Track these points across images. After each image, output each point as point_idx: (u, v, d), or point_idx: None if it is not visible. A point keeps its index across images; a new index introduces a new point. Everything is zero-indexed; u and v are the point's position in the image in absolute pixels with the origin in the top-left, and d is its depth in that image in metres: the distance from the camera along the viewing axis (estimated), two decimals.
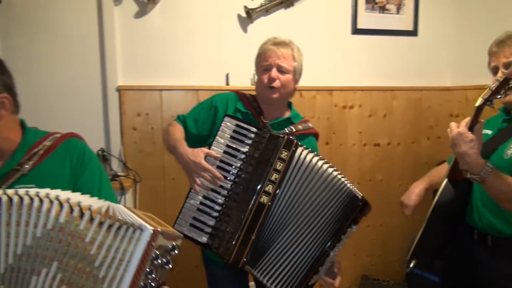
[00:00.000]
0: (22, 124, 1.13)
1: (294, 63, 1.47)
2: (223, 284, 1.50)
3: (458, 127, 1.19)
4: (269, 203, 1.22)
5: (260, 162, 1.26)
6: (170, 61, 2.28)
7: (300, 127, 1.51)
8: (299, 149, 1.25)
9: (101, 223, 0.81)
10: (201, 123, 1.48)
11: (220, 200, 1.26)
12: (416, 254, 1.48)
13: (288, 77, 1.46)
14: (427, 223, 1.40)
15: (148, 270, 0.79)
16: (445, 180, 1.38)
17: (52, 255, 0.81)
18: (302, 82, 2.38)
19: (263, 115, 1.48)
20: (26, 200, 0.82)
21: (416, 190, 1.52)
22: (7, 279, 0.80)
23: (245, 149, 1.28)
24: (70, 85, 2.17)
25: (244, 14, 2.28)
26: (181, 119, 1.51)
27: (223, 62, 2.33)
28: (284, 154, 1.24)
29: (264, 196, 1.23)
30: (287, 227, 1.25)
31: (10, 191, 0.83)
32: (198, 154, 1.27)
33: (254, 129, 1.30)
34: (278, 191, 1.24)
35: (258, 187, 1.24)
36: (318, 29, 2.44)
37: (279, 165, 1.24)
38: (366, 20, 2.48)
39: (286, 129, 1.47)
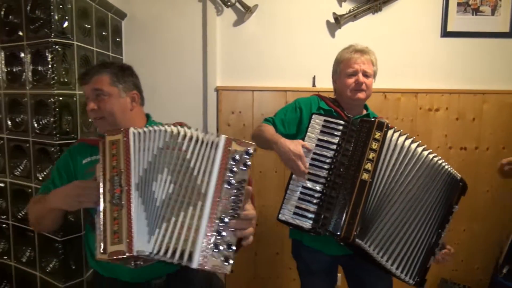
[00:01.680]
0: (147, 115, 1.48)
1: (374, 67, 1.63)
2: (317, 272, 1.63)
3: None
4: (370, 180, 1.36)
5: (356, 144, 1.41)
6: (262, 64, 2.51)
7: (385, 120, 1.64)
8: (391, 130, 1.40)
9: (191, 138, 1.10)
10: (287, 124, 1.66)
11: (318, 187, 1.41)
12: (509, 260, 1.52)
13: (371, 80, 1.63)
14: None
15: (230, 169, 1.06)
16: None
17: (163, 165, 1.10)
18: (387, 84, 2.47)
19: (345, 110, 1.64)
20: (147, 129, 1.14)
21: None
22: (140, 187, 1.10)
23: (335, 140, 1.45)
24: (176, 85, 2.52)
25: (332, 20, 2.42)
26: (270, 121, 1.68)
27: (310, 65, 2.49)
28: (378, 135, 1.39)
29: (364, 174, 1.36)
30: (392, 203, 1.38)
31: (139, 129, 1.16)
32: (297, 143, 1.44)
33: (342, 122, 1.47)
34: (377, 168, 1.37)
35: (358, 166, 1.38)
36: (406, 32, 2.48)
37: (374, 145, 1.38)
38: (457, 23, 2.46)
39: None
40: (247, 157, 1.09)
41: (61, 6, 1.79)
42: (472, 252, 2.60)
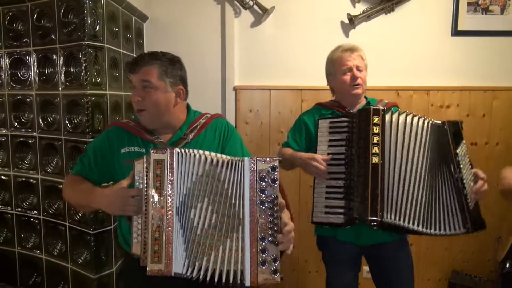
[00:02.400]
0: (188, 106, 1.51)
1: (364, 61, 1.74)
2: (344, 261, 1.71)
3: None
4: (381, 162, 1.45)
5: (360, 135, 1.50)
6: (279, 64, 2.60)
7: (380, 106, 1.73)
8: (388, 114, 1.50)
9: (228, 166, 1.15)
10: (299, 140, 1.77)
11: (341, 183, 1.51)
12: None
13: (364, 73, 1.73)
14: None
15: (260, 189, 1.12)
16: None
17: (203, 193, 1.15)
18: (399, 82, 2.56)
19: (346, 107, 1.74)
20: (187, 152, 1.17)
21: None
22: (180, 211, 1.16)
23: (344, 136, 1.55)
24: (196, 84, 2.55)
25: (346, 21, 2.51)
26: (284, 145, 1.82)
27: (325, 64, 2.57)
28: (376, 120, 1.48)
29: (374, 158, 1.45)
30: (411, 176, 1.47)
31: (179, 149, 1.19)
32: (311, 154, 1.57)
33: (345, 118, 1.57)
34: (384, 150, 1.46)
35: (366, 152, 1.46)
36: (417, 32, 2.56)
37: (376, 129, 1.48)
38: (467, 22, 2.54)
39: None
40: (274, 172, 1.13)
41: (93, 11, 1.89)
42: (484, 244, 2.68)
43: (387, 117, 1.49)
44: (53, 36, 1.99)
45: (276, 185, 1.13)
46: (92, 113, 1.93)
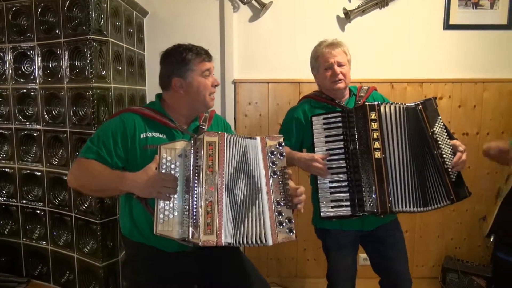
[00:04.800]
0: None
1: (347, 56, 1.80)
2: (345, 245, 1.78)
3: None
4: (383, 155, 1.54)
5: (359, 130, 1.58)
6: (277, 58, 2.66)
7: (362, 94, 1.83)
8: (382, 107, 1.58)
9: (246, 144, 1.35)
10: (291, 136, 1.82)
11: (343, 176, 1.58)
12: (495, 229, 1.68)
13: (346, 68, 1.78)
14: (507, 197, 1.60)
15: (271, 161, 1.34)
16: None
17: (241, 170, 1.32)
18: (394, 75, 2.64)
19: (335, 99, 1.80)
20: (235, 138, 1.35)
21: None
22: (228, 188, 1.29)
23: (340, 130, 1.61)
24: None
25: (342, 15, 2.58)
26: None
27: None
28: (374, 115, 1.57)
29: (376, 153, 1.54)
30: (405, 164, 1.56)
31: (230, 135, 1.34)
32: (311, 154, 1.62)
33: (338, 114, 1.63)
34: (384, 142, 1.56)
35: (368, 148, 1.55)
36: (410, 26, 2.64)
37: (374, 125, 1.56)
38: (459, 16, 2.62)
39: (356, 102, 1.79)
40: (281, 147, 1.35)
41: (97, 6, 1.93)
42: (475, 231, 2.78)
43: (382, 110, 1.58)
44: (57, 31, 2.04)
45: (283, 158, 1.34)
46: (98, 105, 1.98)
